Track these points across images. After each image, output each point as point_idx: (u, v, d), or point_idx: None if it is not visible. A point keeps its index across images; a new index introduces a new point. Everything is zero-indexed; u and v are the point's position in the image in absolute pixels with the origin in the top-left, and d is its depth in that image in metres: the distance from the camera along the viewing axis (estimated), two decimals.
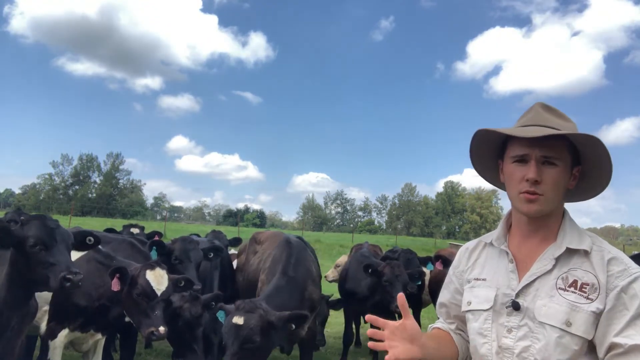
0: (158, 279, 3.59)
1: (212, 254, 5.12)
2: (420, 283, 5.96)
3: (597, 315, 1.41)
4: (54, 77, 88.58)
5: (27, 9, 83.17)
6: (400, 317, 1.50)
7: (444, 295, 1.83)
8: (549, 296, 1.46)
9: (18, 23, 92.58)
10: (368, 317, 1.45)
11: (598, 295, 1.42)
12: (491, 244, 1.68)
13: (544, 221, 1.55)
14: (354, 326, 7.11)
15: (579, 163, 1.56)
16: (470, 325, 1.63)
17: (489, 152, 1.69)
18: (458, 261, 1.79)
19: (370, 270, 5.60)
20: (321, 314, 5.93)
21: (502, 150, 1.62)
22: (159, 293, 3.56)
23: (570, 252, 1.50)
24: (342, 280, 6.71)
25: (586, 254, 1.49)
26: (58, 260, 3.04)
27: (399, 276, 5.53)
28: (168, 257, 4.81)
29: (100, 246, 3.96)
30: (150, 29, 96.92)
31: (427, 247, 30.26)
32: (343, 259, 8.80)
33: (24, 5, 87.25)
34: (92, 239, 3.49)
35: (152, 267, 3.65)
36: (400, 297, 1.49)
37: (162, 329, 3.46)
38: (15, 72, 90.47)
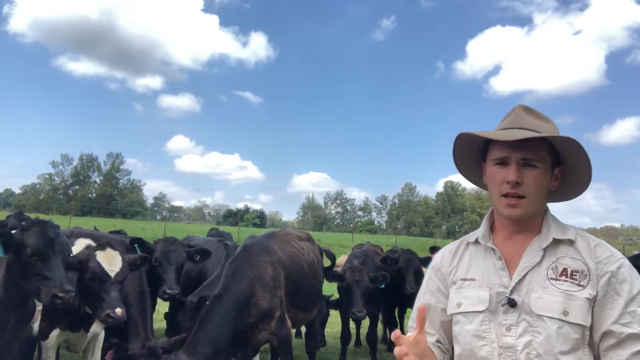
0: (110, 260, 3.48)
1: (198, 257, 4.98)
2: (383, 285, 5.89)
3: (591, 302, 1.44)
4: (54, 76, 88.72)
5: (26, 9, 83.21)
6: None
7: (427, 298, 1.73)
8: (542, 288, 1.47)
9: (17, 22, 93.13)
10: (394, 334, 1.44)
11: (589, 281, 1.45)
12: (476, 242, 1.66)
13: (527, 220, 1.57)
14: (354, 326, 7.11)
15: (560, 164, 1.57)
16: (461, 327, 1.59)
17: (472, 154, 1.70)
18: (440, 262, 1.74)
19: (330, 275, 5.57)
20: (321, 314, 5.91)
21: (485, 153, 1.63)
22: (112, 275, 3.44)
23: (556, 243, 1.53)
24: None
25: (571, 242, 1.52)
26: (52, 275, 3.00)
27: (358, 281, 5.49)
28: (150, 256, 4.67)
29: (94, 244, 3.95)
30: (151, 29, 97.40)
31: (427, 247, 30.18)
32: (343, 259, 8.77)
33: (23, 4, 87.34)
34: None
35: (103, 248, 3.52)
36: (421, 311, 1.43)
37: (118, 310, 3.31)
38: (14, 72, 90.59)
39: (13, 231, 3.27)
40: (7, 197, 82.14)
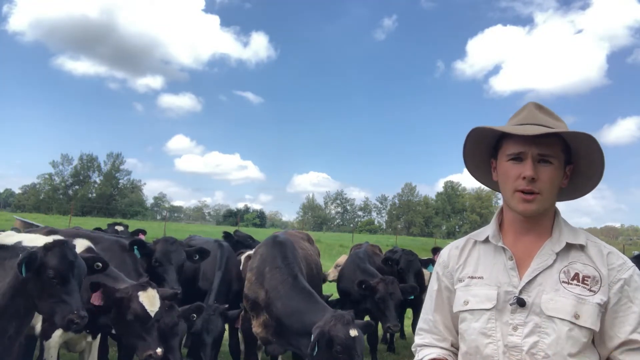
0: (151, 300, 3.53)
1: (197, 256, 5.03)
2: (412, 297, 5.95)
3: (602, 307, 1.44)
4: (54, 76, 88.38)
5: (26, 8, 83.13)
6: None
7: (436, 296, 1.74)
8: (555, 290, 1.47)
9: (17, 21, 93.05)
10: None
11: (600, 287, 1.46)
12: (485, 241, 1.66)
13: (538, 219, 1.57)
14: None
15: (571, 162, 1.58)
16: (468, 324, 1.59)
17: (483, 150, 1.69)
18: (447, 260, 1.74)
19: (364, 286, 5.55)
20: None
21: (496, 149, 1.62)
22: (152, 314, 3.51)
23: (568, 247, 1.53)
24: (339, 279, 6.72)
25: (582, 248, 1.53)
26: (70, 299, 3.01)
27: (392, 294, 5.48)
28: (149, 256, 4.74)
29: (93, 247, 3.94)
30: (151, 28, 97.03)
31: (427, 247, 30.13)
32: (343, 259, 8.77)
33: (23, 3, 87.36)
34: (100, 264, 3.48)
35: (144, 288, 3.56)
36: None
37: (159, 350, 3.45)
38: (14, 71, 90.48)
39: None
40: (7, 197, 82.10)
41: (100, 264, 3.47)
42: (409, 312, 7.80)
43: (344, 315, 3.60)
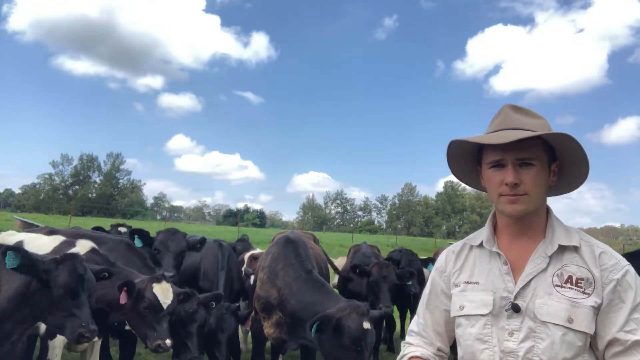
0: (165, 293, 3.65)
1: (199, 246, 5.34)
2: (410, 282, 5.96)
3: (596, 310, 1.44)
4: (54, 76, 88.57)
5: (26, 8, 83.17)
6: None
7: (431, 301, 1.74)
8: (548, 294, 1.47)
9: (17, 21, 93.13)
10: None
11: (594, 289, 1.45)
12: (480, 246, 1.65)
13: (530, 220, 1.56)
14: None
15: (556, 158, 1.57)
16: (463, 330, 1.59)
17: (467, 159, 1.69)
18: (444, 265, 1.74)
19: (357, 271, 5.60)
20: None
21: (479, 156, 1.63)
22: (165, 306, 3.61)
23: (561, 249, 1.52)
24: (346, 281, 6.69)
25: (576, 249, 1.51)
26: (80, 313, 3.04)
27: (386, 277, 5.52)
28: (150, 246, 5.01)
29: (97, 247, 3.94)
30: (152, 29, 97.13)
31: (427, 247, 30.24)
32: (341, 261, 8.75)
33: (23, 3, 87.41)
34: (107, 274, 3.53)
35: (159, 281, 3.71)
36: None
37: (168, 341, 3.57)
38: (14, 71, 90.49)
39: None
40: (7, 197, 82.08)
41: (107, 274, 3.52)
42: (409, 313, 7.81)
43: (360, 306, 3.52)
